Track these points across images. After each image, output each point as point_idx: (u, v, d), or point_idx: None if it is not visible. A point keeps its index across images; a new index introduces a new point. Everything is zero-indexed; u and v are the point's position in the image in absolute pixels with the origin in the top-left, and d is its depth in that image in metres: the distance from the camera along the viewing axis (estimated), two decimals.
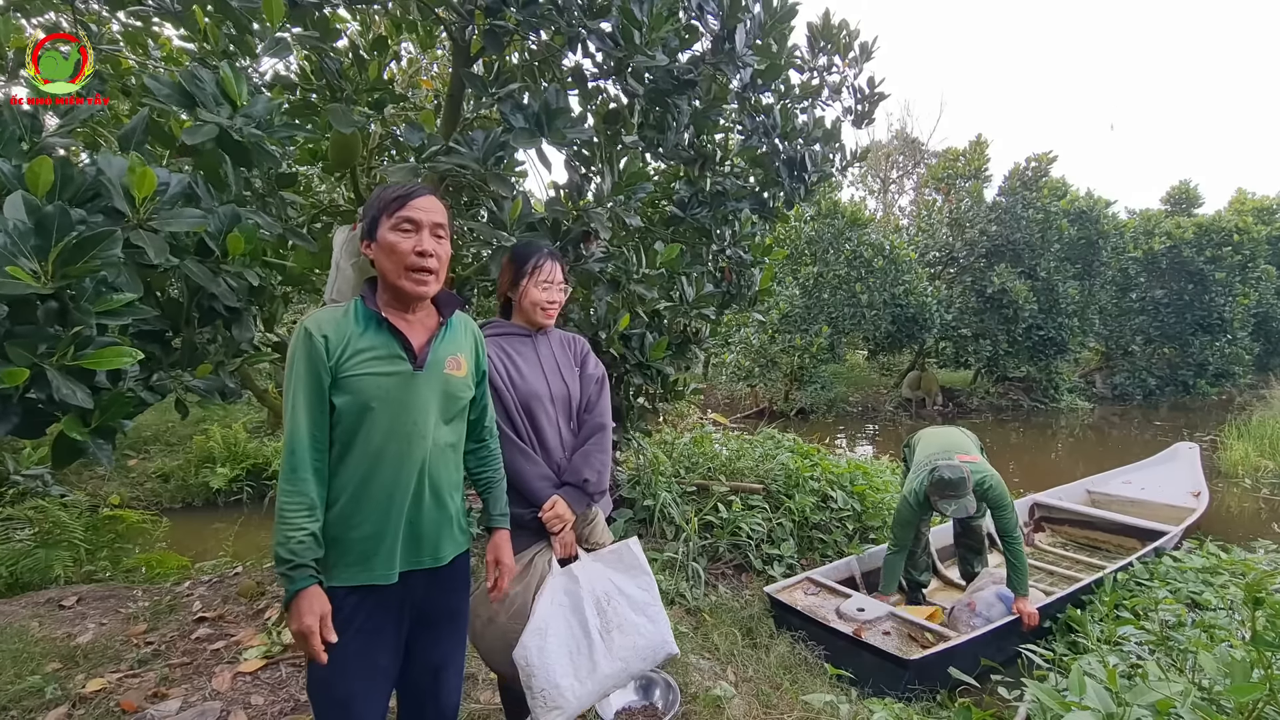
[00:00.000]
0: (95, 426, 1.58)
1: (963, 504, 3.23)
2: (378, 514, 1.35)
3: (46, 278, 1.37)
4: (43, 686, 2.35)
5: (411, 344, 1.38)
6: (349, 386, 1.32)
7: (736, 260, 3.50)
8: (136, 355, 1.47)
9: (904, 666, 2.75)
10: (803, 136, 3.36)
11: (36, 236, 1.37)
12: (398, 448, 1.35)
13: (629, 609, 1.78)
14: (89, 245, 1.41)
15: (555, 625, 1.67)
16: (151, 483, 6.31)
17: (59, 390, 1.41)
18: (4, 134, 1.50)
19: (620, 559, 1.84)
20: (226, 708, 2.34)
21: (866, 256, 12.03)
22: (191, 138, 1.69)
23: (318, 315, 1.36)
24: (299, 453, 1.29)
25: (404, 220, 1.35)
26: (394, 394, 1.35)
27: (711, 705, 2.36)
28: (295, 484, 1.28)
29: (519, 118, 2.23)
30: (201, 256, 1.85)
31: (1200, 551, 4.09)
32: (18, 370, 1.31)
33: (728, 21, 2.56)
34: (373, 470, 1.34)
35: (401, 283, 1.36)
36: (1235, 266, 13.95)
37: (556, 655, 1.65)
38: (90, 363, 1.44)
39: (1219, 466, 7.93)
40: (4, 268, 1.32)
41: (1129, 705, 1.44)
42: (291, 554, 1.25)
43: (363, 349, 1.34)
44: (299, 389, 1.30)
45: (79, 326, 1.44)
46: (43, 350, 1.40)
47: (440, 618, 1.50)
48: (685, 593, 3.32)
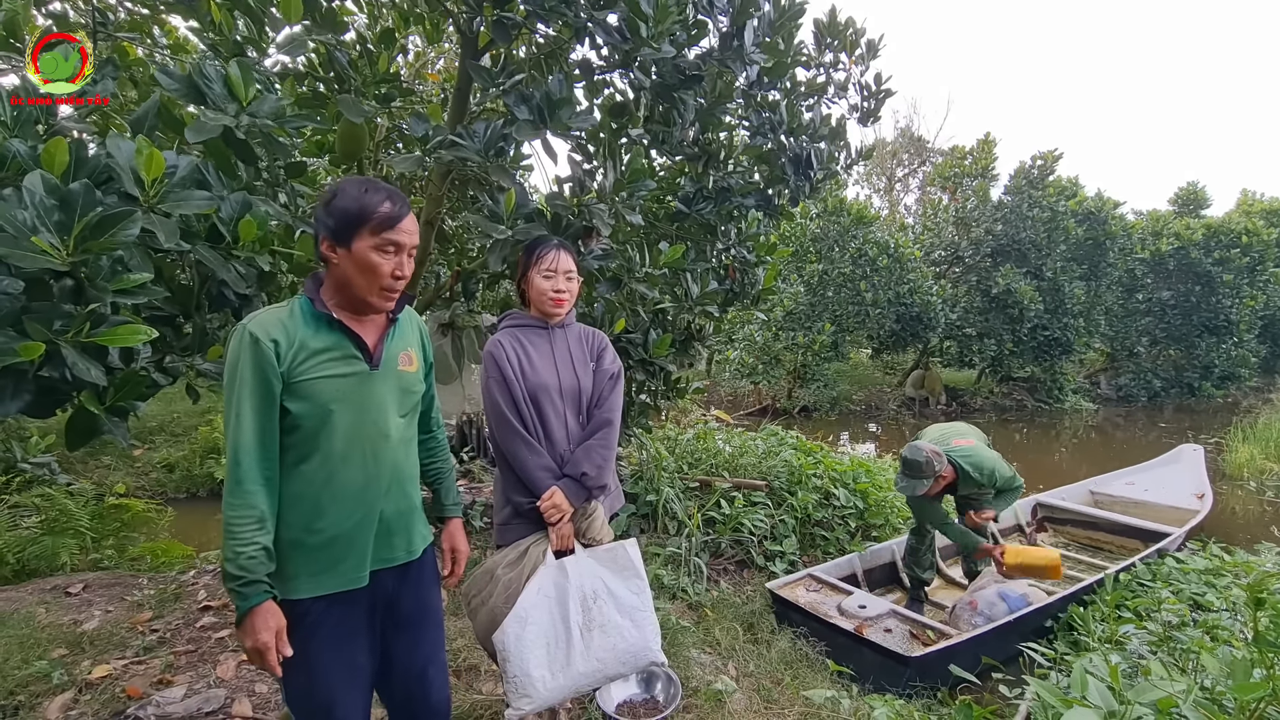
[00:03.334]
0: (110, 405, 1.59)
1: (912, 484, 3.35)
2: (346, 516, 1.33)
3: (66, 253, 1.38)
4: (49, 672, 2.37)
5: (366, 343, 1.36)
6: (304, 391, 1.28)
7: (741, 259, 3.50)
8: (151, 333, 1.48)
9: (905, 664, 2.76)
10: (808, 133, 3.35)
11: (60, 213, 1.38)
12: (363, 448, 1.34)
13: (615, 610, 1.77)
14: (109, 224, 1.43)
15: (537, 615, 1.69)
16: (156, 473, 6.35)
17: (75, 366, 1.42)
18: (20, 116, 1.51)
19: (614, 559, 1.83)
20: (231, 695, 2.36)
21: (871, 255, 12.00)
22: (195, 135, 1.70)
23: (260, 318, 1.30)
24: (245, 463, 1.24)
25: (389, 242, 1.31)
26: (353, 395, 1.33)
27: (713, 699, 2.36)
28: (242, 496, 1.23)
29: (523, 109, 2.23)
30: (213, 242, 1.86)
31: (1203, 553, 4.07)
32: (34, 345, 1.32)
33: (738, 18, 2.55)
34: (336, 473, 1.32)
35: (371, 299, 1.34)
36: (1243, 269, 13.88)
37: (533, 645, 1.66)
38: (105, 339, 1.45)
39: (1224, 469, 7.90)
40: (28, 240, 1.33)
41: (1131, 703, 1.44)
42: (242, 570, 1.21)
43: (317, 351, 1.30)
44: (244, 396, 1.25)
45: (95, 304, 1.45)
46: (58, 327, 1.41)
47: (416, 617, 1.49)
48: (687, 588, 3.33)
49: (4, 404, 1.42)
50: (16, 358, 1.33)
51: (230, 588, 1.23)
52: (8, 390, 1.43)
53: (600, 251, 2.53)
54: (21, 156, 1.48)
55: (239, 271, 1.91)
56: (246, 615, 1.22)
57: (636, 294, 2.79)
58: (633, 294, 2.77)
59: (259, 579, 1.23)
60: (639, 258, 2.75)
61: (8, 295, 1.38)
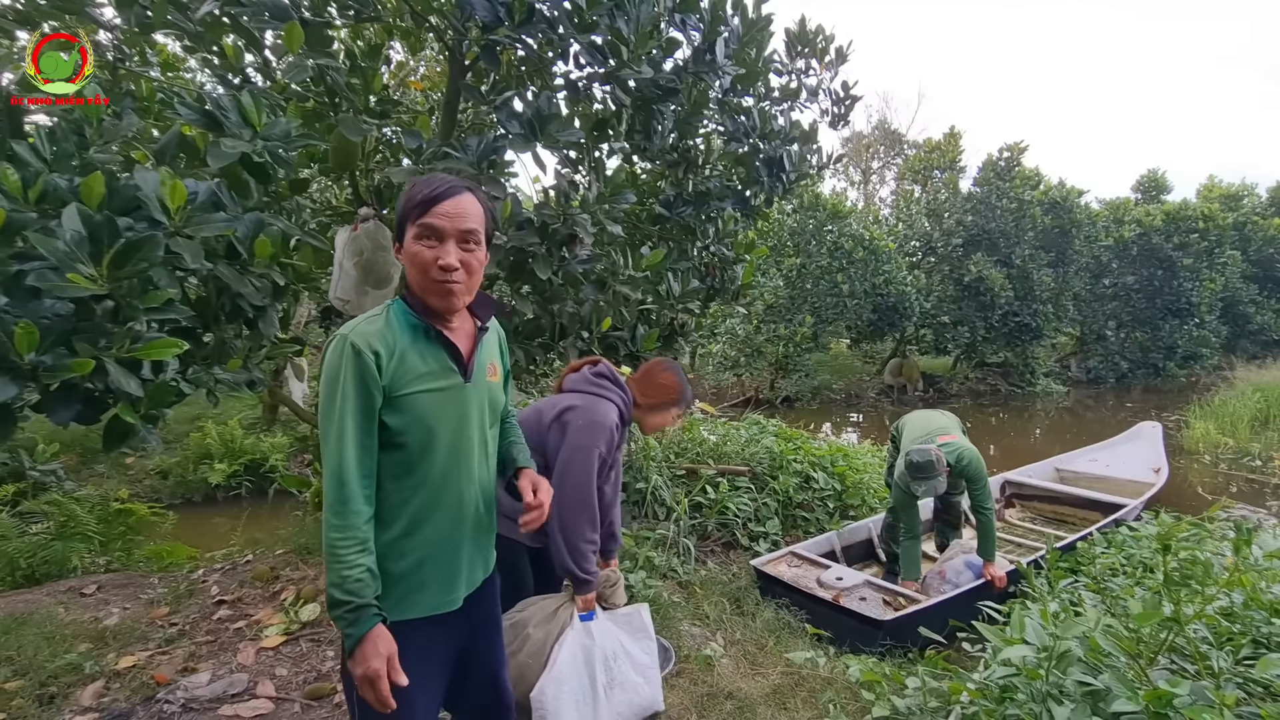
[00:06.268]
0: (144, 413, 1.76)
1: (932, 485, 3.46)
2: (445, 539, 1.28)
3: (102, 279, 1.54)
4: (81, 663, 2.51)
5: (461, 355, 1.28)
6: (406, 406, 1.20)
7: (720, 256, 3.70)
8: (183, 345, 1.65)
9: (878, 627, 3.00)
10: (781, 137, 3.56)
11: (90, 244, 1.54)
12: (458, 465, 1.28)
13: (631, 669, 2.02)
14: (135, 249, 1.59)
15: (570, 676, 1.90)
16: (150, 479, 6.42)
17: (115, 380, 1.59)
18: (59, 151, 1.66)
19: (631, 623, 2.09)
20: (254, 679, 2.52)
21: (847, 248, 12.31)
22: (217, 161, 1.85)
23: (360, 328, 1.21)
24: (350, 484, 1.16)
25: (426, 228, 1.20)
26: (450, 409, 1.26)
27: (703, 664, 2.58)
28: (346, 518, 1.15)
29: (514, 125, 2.41)
30: (229, 259, 2.02)
31: (1156, 522, 4.37)
32: (84, 361, 1.49)
33: (708, 35, 2.75)
34: (431, 491, 1.25)
35: (427, 297, 1.25)
36: (1202, 252, 14.44)
37: (566, 703, 1.87)
38: (143, 353, 1.61)
39: (1183, 444, 8.31)
40: (65, 274, 1.49)
41: (1061, 638, 1.67)
42: (349, 594, 1.13)
43: (416, 363, 1.23)
44: (348, 411, 1.16)
45: (131, 323, 1.61)
46: (102, 344, 1.57)
47: (486, 628, 1.46)
48: (677, 568, 3.54)
49: (59, 413, 1.59)
50: (70, 373, 1.50)
51: (336, 615, 1.14)
52: (61, 401, 1.60)
53: (585, 256, 2.72)
54: (61, 190, 1.63)
55: (254, 285, 2.08)
56: (359, 643, 1.13)
57: (621, 295, 2.98)
58: (617, 295, 2.96)
59: (368, 602, 1.14)
60: (622, 261, 2.94)
61: (60, 317, 1.54)
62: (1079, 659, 1.67)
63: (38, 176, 1.57)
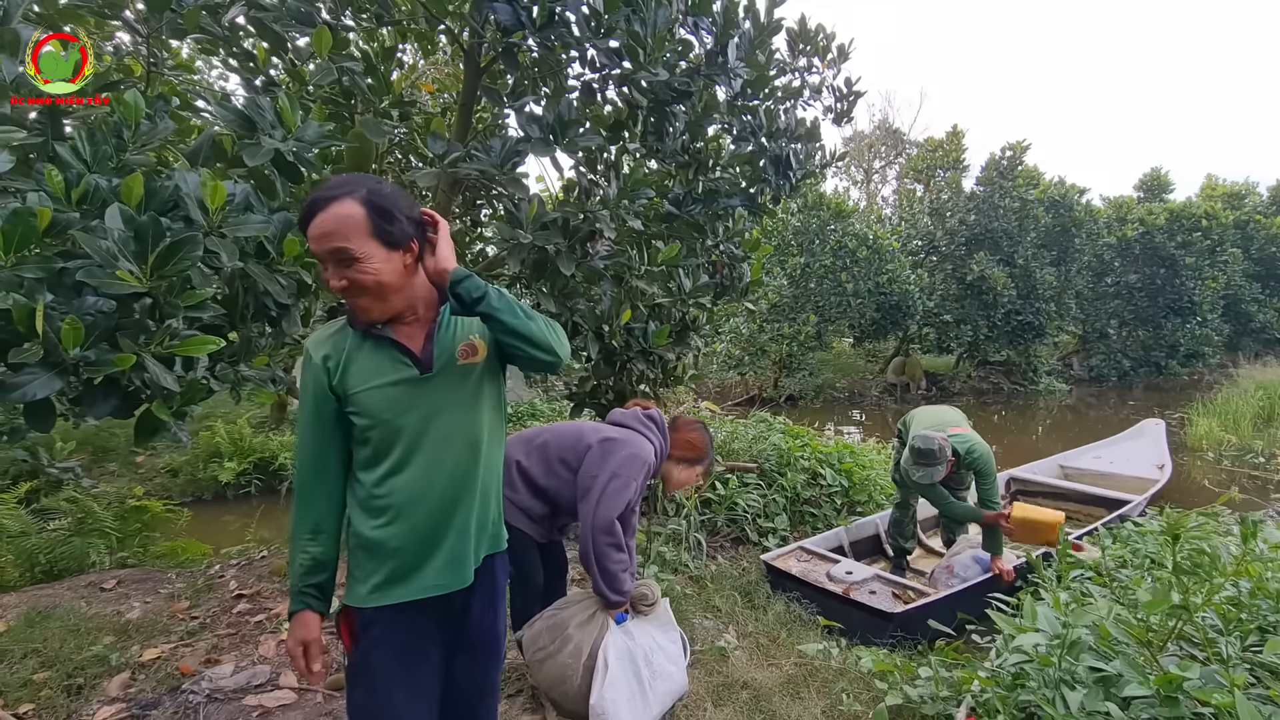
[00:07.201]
0: (175, 408, 1.80)
1: (929, 472, 3.54)
2: (428, 527, 1.30)
3: (146, 278, 1.59)
4: (106, 655, 2.56)
5: (409, 347, 1.29)
6: (360, 403, 1.26)
7: (728, 254, 3.75)
8: (218, 342, 1.69)
9: (888, 619, 3.04)
10: (786, 136, 3.60)
11: (135, 243, 1.59)
12: (437, 455, 1.29)
13: (665, 660, 2.18)
14: (177, 249, 1.63)
15: (621, 679, 2.03)
16: (161, 477, 6.47)
17: (154, 375, 1.63)
18: (98, 153, 1.71)
19: (658, 618, 2.26)
20: (275, 670, 2.57)
21: (851, 247, 12.36)
22: (251, 159, 1.90)
23: (317, 334, 1.32)
24: (303, 476, 1.30)
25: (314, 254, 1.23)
26: (410, 403, 1.28)
27: (717, 655, 2.63)
28: (299, 507, 1.31)
29: (534, 128, 2.45)
30: (257, 258, 2.06)
31: (1161, 518, 4.41)
32: (126, 356, 1.53)
33: (721, 38, 2.79)
34: (414, 483, 1.28)
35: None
36: (1204, 251, 14.47)
37: (624, 704, 2.01)
38: (181, 350, 1.65)
39: (1185, 442, 8.35)
40: (112, 271, 1.54)
41: (1073, 626, 1.72)
42: (290, 577, 1.30)
43: (362, 363, 1.28)
44: (302, 412, 1.30)
45: (170, 320, 1.66)
46: (141, 341, 1.62)
47: (484, 642, 1.44)
48: (688, 563, 3.59)
49: (99, 407, 1.64)
50: (113, 368, 1.54)
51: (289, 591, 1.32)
52: (100, 395, 1.65)
53: (605, 252, 2.77)
54: (103, 190, 1.67)
55: (281, 284, 2.12)
56: (290, 617, 1.31)
57: (636, 290, 3.02)
58: (633, 290, 3.01)
59: (301, 589, 1.29)
60: (638, 256, 2.99)
61: (103, 314, 1.58)
62: (1090, 646, 1.72)
63: (80, 178, 1.61)
